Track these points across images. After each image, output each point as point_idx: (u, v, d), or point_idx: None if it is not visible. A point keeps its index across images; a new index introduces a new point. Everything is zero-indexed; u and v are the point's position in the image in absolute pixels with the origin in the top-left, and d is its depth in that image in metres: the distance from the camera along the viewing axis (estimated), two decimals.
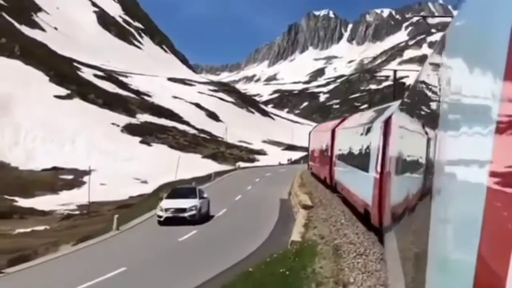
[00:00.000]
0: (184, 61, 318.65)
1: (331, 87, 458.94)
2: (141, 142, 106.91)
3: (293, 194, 30.50)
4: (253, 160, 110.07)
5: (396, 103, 13.56)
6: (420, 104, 5.41)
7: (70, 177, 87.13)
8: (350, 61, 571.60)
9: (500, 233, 1.60)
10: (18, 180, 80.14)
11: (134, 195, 78.73)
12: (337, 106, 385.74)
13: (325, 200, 23.66)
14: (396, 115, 10.62)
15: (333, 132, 27.66)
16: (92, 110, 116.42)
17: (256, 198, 35.68)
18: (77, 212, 69.16)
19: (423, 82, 5.29)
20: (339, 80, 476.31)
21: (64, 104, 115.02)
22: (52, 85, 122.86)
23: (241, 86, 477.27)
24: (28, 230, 54.00)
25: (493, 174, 1.72)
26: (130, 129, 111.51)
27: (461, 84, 2.60)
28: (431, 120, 3.80)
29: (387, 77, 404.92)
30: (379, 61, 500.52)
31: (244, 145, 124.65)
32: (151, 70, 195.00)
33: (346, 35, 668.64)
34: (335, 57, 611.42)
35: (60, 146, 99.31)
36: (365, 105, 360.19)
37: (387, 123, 13.19)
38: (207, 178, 55.83)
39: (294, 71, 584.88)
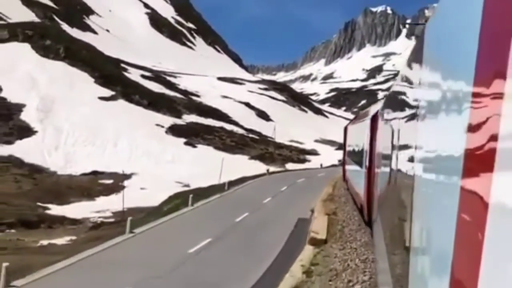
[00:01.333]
0: (237, 60, 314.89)
1: (390, 84, 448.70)
2: (186, 143, 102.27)
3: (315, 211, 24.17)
4: (303, 161, 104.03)
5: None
6: (400, 101, 5.70)
7: (110, 181, 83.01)
8: None
9: (473, 225, 1.71)
10: (54, 186, 76.52)
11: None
12: None
13: (352, 224, 17.14)
14: (381, 110, 10.45)
15: (345, 129, 24.67)
16: (137, 111, 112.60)
17: (269, 216, 29.21)
18: (111, 220, 64.69)
19: (404, 77, 5.67)
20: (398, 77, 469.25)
21: (107, 106, 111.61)
22: (97, 87, 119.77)
23: (297, 86, 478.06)
24: (45, 242, 49.77)
25: (466, 168, 1.85)
26: (174, 130, 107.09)
27: (435, 80, 2.72)
28: (410, 116, 3.97)
29: None
30: None
31: (295, 145, 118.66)
32: (202, 70, 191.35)
33: (404, 31, 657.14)
34: (393, 53, 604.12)
35: (101, 149, 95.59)
36: None
37: (374, 119, 12.19)
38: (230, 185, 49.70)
39: (351, 69, 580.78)
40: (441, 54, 2.70)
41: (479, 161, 1.65)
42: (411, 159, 3.57)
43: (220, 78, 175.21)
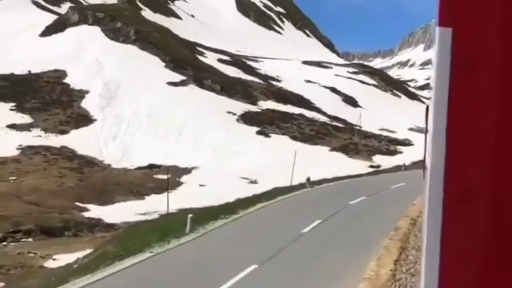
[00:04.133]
0: (328, 45, 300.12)
1: None
2: (258, 132, 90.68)
3: None
4: (394, 153, 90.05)
5: None
6: None
7: (166, 176, 72.57)
8: None
9: None
10: (100, 183, 67.01)
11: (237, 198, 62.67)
12: None
13: None
14: None
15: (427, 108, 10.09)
16: (207, 97, 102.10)
17: None
18: None
19: None
20: None
21: (176, 92, 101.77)
22: (167, 71, 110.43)
23: (394, 72, 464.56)
24: (59, 257, 39.65)
25: None
26: (247, 118, 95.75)
27: None
28: None
29: None
30: None
31: (385, 134, 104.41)
32: (289, 55, 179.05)
33: None
34: None
35: (163, 140, 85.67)
36: None
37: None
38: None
39: None
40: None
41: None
42: None
43: (305, 62, 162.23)
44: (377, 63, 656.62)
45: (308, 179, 47.91)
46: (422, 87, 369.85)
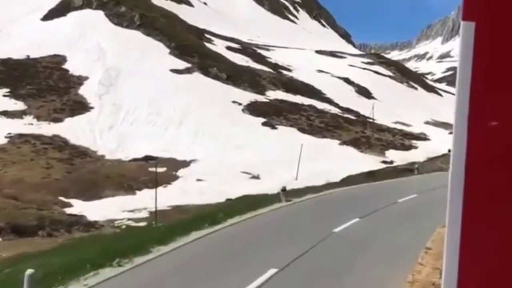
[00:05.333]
0: (344, 36, 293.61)
1: None
2: (264, 124, 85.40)
3: None
4: (408, 148, 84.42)
5: None
6: None
7: (162, 169, 67.61)
8: None
9: None
10: (89, 175, 62.13)
11: (237, 195, 57.57)
12: None
13: None
14: None
15: None
16: (212, 85, 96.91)
17: None
18: (142, 224, 49.33)
19: None
20: None
21: (180, 79, 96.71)
22: (172, 58, 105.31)
23: (412, 65, 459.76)
24: None
25: None
26: (253, 108, 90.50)
27: None
28: None
29: None
30: None
31: (400, 127, 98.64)
32: (303, 45, 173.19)
33: None
34: None
35: (162, 130, 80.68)
36: None
37: None
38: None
39: None
40: None
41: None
42: None
43: (318, 52, 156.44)
44: (394, 55, 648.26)
45: (283, 189, 35.86)
46: (440, 80, 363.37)
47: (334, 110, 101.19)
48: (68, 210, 51.92)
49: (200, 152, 73.83)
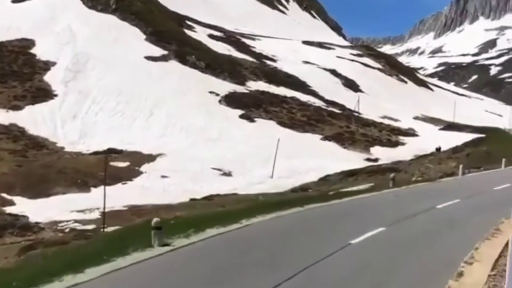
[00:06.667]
0: (335, 28, 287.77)
1: (503, 59, 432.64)
2: (241, 116, 79.61)
3: None
4: (395, 144, 78.87)
5: None
6: None
7: (125, 164, 61.73)
8: None
9: None
10: (42, 170, 56.10)
11: (204, 195, 51.64)
12: (510, 79, 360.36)
13: None
14: None
15: None
16: (189, 74, 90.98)
17: None
18: (90, 227, 43.37)
19: None
20: None
21: (154, 67, 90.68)
22: (147, 45, 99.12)
23: (404, 59, 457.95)
24: None
25: None
26: (231, 99, 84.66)
27: None
28: None
29: None
30: None
31: (387, 122, 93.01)
32: (291, 36, 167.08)
33: None
34: (508, 27, 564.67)
35: (131, 121, 74.69)
36: None
37: None
38: None
39: (462, 42, 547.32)
40: None
41: None
42: None
43: (305, 42, 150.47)
44: (386, 49, 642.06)
45: (156, 227, 16.14)
46: (431, 75, 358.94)
47: (318, 103, 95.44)
48: (9, 209, 45.89)
49: (170, 145, 67.97)
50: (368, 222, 19.22)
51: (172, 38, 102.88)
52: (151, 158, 63.75)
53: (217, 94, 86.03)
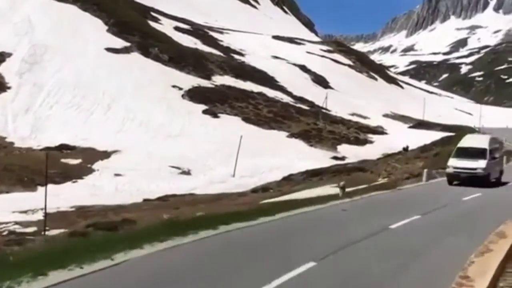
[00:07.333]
0: (307, 24, 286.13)
1: (473, 58, 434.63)
2: (205, 112, 76.42)
3: None
4: (363, 142, 76.47)
5: None
6: None
7: (77, 161, 58.18)
8: (496, 31, 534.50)
9: None
10: None
11: (158, 195, 48.35)
12: (480, 78, 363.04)
13: None
14: None
15: None
16: (152, 67, 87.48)
17: None
18: (31, 229, 39.86)
19: None
20: (483, 51, 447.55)
21: (115, 59, 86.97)
22: (109, 36, 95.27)
23: (376, 57, 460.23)
24: None
25: None
26: (195, 94, 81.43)
27: None
28: None
29: None
30: None
31: (356, 119, 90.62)
32: (261, 30, 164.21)
33: (492, 3, 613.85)
34: (479, 26, 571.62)
35: (87, 115, 70.98)
36: None
37: None
38: None
39: (434, 41, 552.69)
40: None
41: None
42: None
43: (276, 37, 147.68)
44: (359, 47, 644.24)
45: None
46: (403, 73, 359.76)
47: (286, 99, 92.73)
48: None
49: (127, 141, 64.45)
50: (289, 258, 12.64)
51: (136, 29, 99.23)
52: (105, 155, 60.25)
53: (180, 88, 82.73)
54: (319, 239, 15.65)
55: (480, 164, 31.21)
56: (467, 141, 34.52)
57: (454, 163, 32.14)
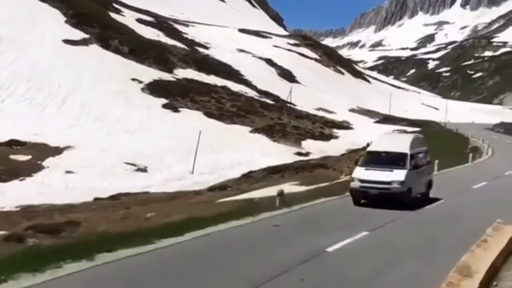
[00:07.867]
0: (275, 18, 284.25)
1: (441, 53, 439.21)
2: (165, 106, 73.74)
3: None
4: (328, 138, 74.59)
5: None
6: None
7: (27, 157, 55.11)
8: (463, 27, 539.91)
9: None
10: None
11: (111, 194, 45.68)
12: (447, 73, 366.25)
13: None
14: None
15: None
16: (111, 60, 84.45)
17: None
18: None
19: None
20: (450, 47, 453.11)
21: (73, 51, 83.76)
22: (67, 27, 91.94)
23: (344, 52, 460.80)
24: None
25: None
26: (156, 88, 78.66)
27: None
28: None
29: (505, 43, 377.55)
30: (495, 26, 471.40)
31: (322, 114, 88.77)
32: (228, 23, 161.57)
33: None
34: (446, 22, 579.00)
35: (40, 109, 67.78)
36: (480, 73, 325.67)
37: None
38: None
39: (402, 37, 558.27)
40: None
41: None
42: None
43: (242, 30, 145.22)
44: (328, 42, 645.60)
45: None
46: (371, 68, 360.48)
47: (250, 93, 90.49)
48: None
49: (81, 136, 61.45)
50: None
51: (95, 21, 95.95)
52: (57, 151, 57.21)
53: (140, 82, 79.90)
54: (223, 274, 11.48)
55: (396, 175, 21.43)
56: (381, 143, 24.01)
57: (361, 174, 22.11)
